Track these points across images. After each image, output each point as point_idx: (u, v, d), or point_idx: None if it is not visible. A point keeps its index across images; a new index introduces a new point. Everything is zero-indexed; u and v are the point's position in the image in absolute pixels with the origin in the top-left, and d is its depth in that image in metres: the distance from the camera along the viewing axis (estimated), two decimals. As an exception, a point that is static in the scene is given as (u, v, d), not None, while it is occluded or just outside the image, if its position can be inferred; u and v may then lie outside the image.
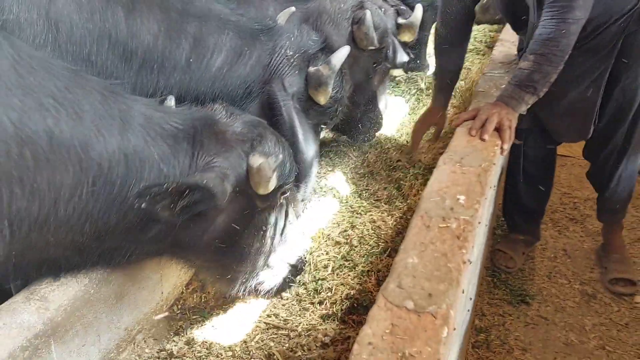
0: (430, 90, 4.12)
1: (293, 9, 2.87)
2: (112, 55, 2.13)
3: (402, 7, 3.67)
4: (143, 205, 1.65)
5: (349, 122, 3.43)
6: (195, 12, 2.31)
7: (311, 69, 2.52)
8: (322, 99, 2.49)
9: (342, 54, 2.51)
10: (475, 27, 6.49)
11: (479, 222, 1.95)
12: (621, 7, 2.69)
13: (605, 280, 3.55)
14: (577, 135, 3.19)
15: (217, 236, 2.00)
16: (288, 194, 2.21)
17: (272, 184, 1.96)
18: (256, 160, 1.92)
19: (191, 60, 2.30)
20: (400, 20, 3.51)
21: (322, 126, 2.87)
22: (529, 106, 2.63)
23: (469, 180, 2.14)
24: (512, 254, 3.64)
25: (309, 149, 2.52)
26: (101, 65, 2.12)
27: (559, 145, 3.51)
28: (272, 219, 2.17)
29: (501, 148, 2.49)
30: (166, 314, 2.46)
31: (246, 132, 1.99)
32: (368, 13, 2.98)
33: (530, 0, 2.75)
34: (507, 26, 4.15)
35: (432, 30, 3.86)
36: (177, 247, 2.01)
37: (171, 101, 2.12)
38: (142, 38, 2.16)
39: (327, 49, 2.64)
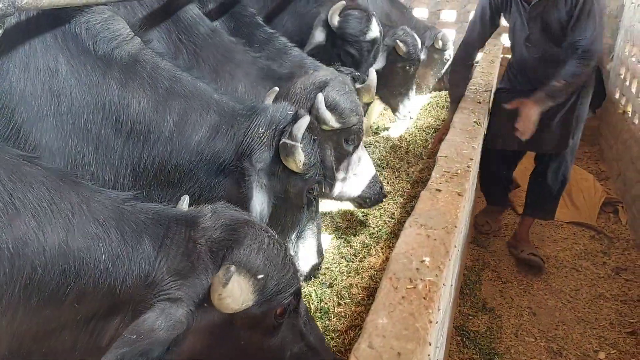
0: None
1: (277, 89, 2.93)
2: (106, 125, 2.28)
3: (356, 73, 3.92)
4: None
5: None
6: (181, 91, 2.45)
7: (281, 141, 2.55)
8: (295, 167, 2.54)
9: (301, 123, 2.55)
10: (437, 94, 6.88)
11: (444, 283, 2.05)
12: None
13: (519, 255, 4.55)
14: (557, 146, 4.28)
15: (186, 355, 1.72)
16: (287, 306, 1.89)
17: (235, 302, 1.66)
18: (216, 281, 1.63)
19: (173, 134, 2.40)
20: (358, 85, 3.77)
21: (314, 196, 2.80)
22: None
23: (433, 242, 2.25)
24: (489, 219, 4.89)
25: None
26: (95, 133, 2.26)
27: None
28: (260, 336, 1.86)
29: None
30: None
31: (222, 239, 1.76)
32: (320, 96, 3.04)
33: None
34: (467, 94, 4.43)
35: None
36: None
37: (184, 202, 2.06)
38: (132, 111, 2.31)
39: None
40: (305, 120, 2.56)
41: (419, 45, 5.39)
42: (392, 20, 6.21)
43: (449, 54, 6.84)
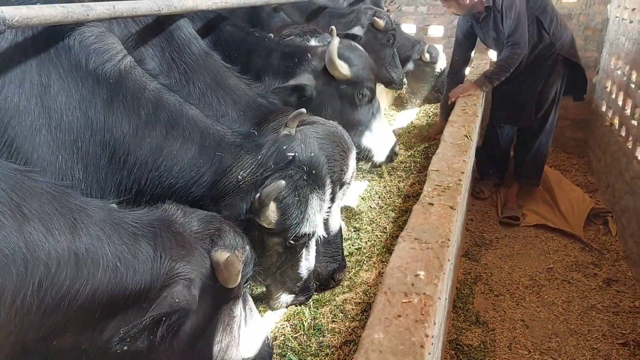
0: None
1: (303, 111, 2.62)
2: (94, 143, 2.26)
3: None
4: (125, 348, 1.64)
5: None
6: (163, 117, 2.35)
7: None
8: (266, 225, 2.36)
9: (270, 189, 2.26)
10: (426, 107, 6.92)
11: (439, 297, 2.05)
12: (549, 51, 5.22)
13: (500, 217, 5.65)
14: (527, 119, 5.55)
15: (186, 339, 1.92)
16: (249, 282, 2.20)
17: (239, 279, 1.94)
18: (222, 255, 1.91)
19: (148, 161, 2.33)
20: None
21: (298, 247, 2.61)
22: (487, 90, 5.04)
23: (427, 256, 2.25)
24: (483, 188, 6.11)
25: None
26: (85, 150, 2.25)
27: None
28: (237, 310, 2.13)
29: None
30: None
31: (203, 229, 1.98)
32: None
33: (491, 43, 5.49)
34: (456, 108, 4.47)
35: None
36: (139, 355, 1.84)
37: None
38: (114, 132, 2.27)
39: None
40: (276, 187, 2.27)
41: (391, 17, 5.69)
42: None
43: (440, 66, 6.91)
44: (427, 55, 6.82)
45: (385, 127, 4.04)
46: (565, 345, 3.77)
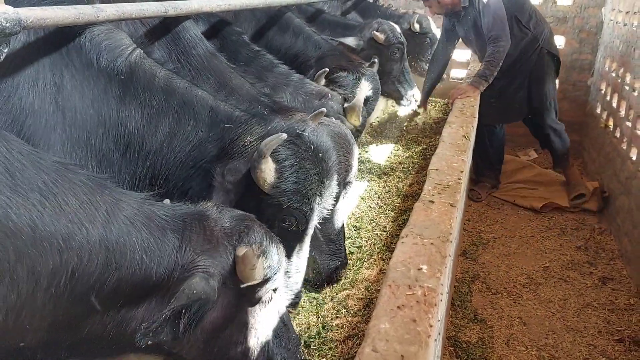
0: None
1: (324, 110, 2.78)
2: (107, 139, 2.33)
3: (350, 95, 4.02)
4: (149, 342, 1.69)
5: None
6: (175, 102, 2.43)
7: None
8: (260, 185, 2.36)
9: (270, 138, 2.30)
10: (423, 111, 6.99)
11: (442, 291, 2.11)
12: (532, 47, 5.59)
13: (570, 198, 5.90)
14: (518, 115, 6.04)
15: (204, 333, 1.97)
16: (278, 289, 2.16)
17: (259, 273, 1.95)
18: (241, 250, 1.94)
19: (164, 145, 2.42)
20: (346, 104, 3.86)
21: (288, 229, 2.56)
22: (484, 88, 5.15)
23: (429, 251, 2.31)
24: (480, 191, 6.27)
25: None
26: (98, 147, 2.32)
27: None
28: (262, 314, 2.12)
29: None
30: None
31: (234, 226, 2.01)
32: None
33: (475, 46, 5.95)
34: (454, 109, 4.55)
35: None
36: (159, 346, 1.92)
37: (166, 202, 2.12)
38: (128, 125, 2.35)
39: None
40: (276, 137, 2.31)
41: (397, 29, 5.50)
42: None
43: (431, 36, 6.80)
44: (416, 26, 6.63)
45: None
46: (561, 341, 3.84)
